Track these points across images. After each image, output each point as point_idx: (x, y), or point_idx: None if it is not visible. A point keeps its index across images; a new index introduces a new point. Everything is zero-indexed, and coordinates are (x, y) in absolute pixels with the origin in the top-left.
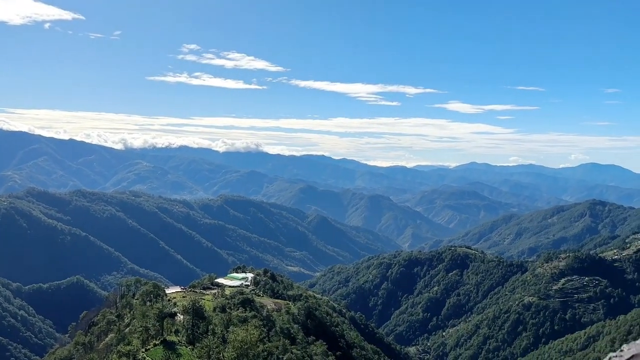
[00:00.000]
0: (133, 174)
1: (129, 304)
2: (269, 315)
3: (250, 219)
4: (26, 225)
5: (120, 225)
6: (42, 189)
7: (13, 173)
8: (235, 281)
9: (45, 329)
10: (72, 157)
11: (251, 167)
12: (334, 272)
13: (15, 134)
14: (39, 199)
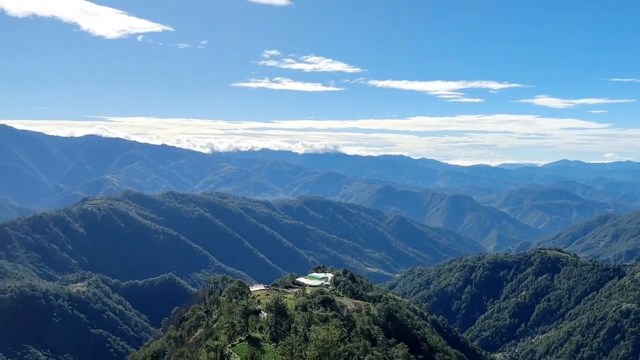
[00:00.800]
0: (219, 176)
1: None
2: (349, 316)
3: (329, 220)
4: (123, 225)
5: (208, 225)
6: (137, 191)
7: (112, 177)
8: (315, 281)
9: (140, 323)
10: (164, 161)
11: (329, 168)
12: (414, 274)
13: (113, 140)
14: (134, 200)
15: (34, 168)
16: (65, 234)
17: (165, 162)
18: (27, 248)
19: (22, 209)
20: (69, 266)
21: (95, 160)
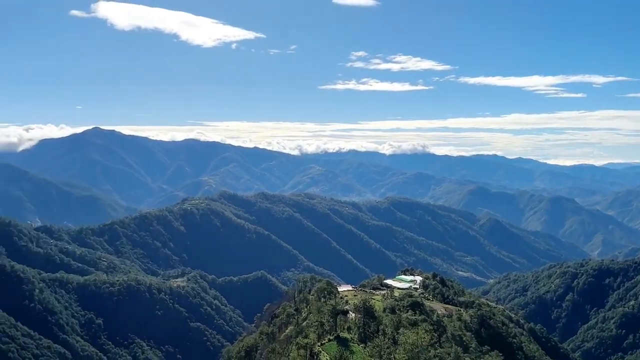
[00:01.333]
0: (308, 177)
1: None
2: (440, 321)
3: (417, 222)
4: (219, 224)
5: (297, 225)
6: (232, 192)
7: (209, 178)
8: (403, 283)
9: (235, 318)
10: (256, 163)
11: (418, 169)
12: (509, 280)
13: (210, 144)
14: (229, 200)
15: (140, 170)
16: (167, 232)
17: (257, 164)
18: (134, 245)
19: (130, 209)
20: (171, 262)
21: (194, 162)
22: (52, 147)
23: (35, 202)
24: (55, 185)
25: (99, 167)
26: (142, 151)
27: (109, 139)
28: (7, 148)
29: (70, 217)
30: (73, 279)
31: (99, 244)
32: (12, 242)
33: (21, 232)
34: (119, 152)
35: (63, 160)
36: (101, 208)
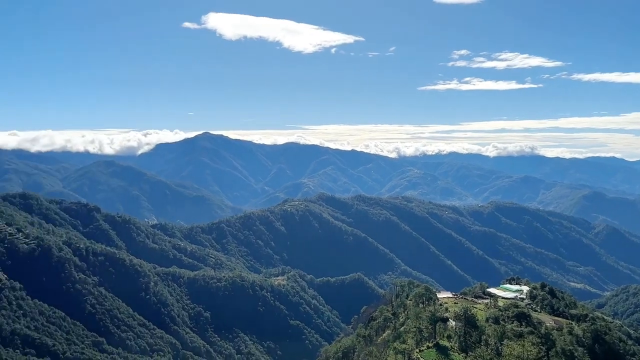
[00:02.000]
0: (405, 180)
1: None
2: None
3: (524, 228)
4: (317, 226)
5: (394, 229)
6: (329, 194)
7: (307, 180)
8: (508, 293)
9: (332, 318)
10: (353, 165)
11: (525, 172)
12: (628, 293)
13: (309, 147)
14: (327, 202)
15: (245, 172)
16: (269, 232)
17: (354, 166)
18: (238, 243)
19: (235, 209)
20: (272, 261)
21: (294, 165)
22: (167, 150)
23: (151, 201)
24: (169, 186)
25: (208, 169)
26: (246, 154)
27: (217, 143)
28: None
29: (183, 215)
30: (184, 273)
31: (208, 242)
32: (131, 237)
33: (139, 229)
34: (226, 155)
35: (176, 162)
36: (210, 207)
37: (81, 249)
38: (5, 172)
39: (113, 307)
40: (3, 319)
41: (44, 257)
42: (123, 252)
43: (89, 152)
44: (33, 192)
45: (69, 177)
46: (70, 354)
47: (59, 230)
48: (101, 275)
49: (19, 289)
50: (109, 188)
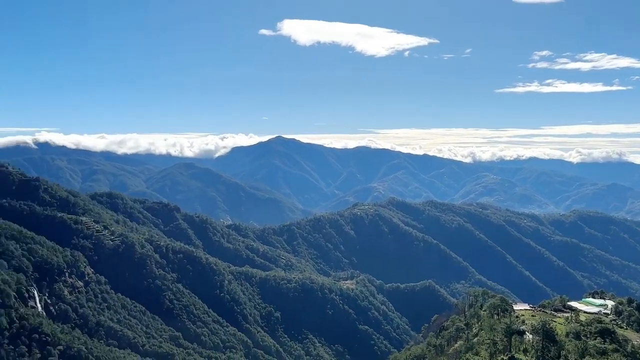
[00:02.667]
0: (480, 186)
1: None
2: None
3: (610, 239)
4: (387, 231)
5: (468, 236)
6: (400, 199)
7: (378, 185)
8: (591, 307)
9: (402, 326)
10: (425, 170)
11: (612, 179)
12: None
13: (380, 151)
14: (397, 207)
15: (316, 176)
16: (338, 235)
17: (426, 171)
18: (308, 245)
19: (305, 211)
20: (341, 264)
21: (364, 169)
22: (242, 153)
23: (227, 202)
24: (243, 188)
25: (281, 173)
26: (317, 158)
27: (289, 146)
28: (206, 154)
29: (256, 216)
30: (256, 273)
31: (279, 243)
32: (208, 237)
33: (215, 229)
34: (297, 159)
35: (251, 165)
36: (281, 210)
37: (162, 246)
38: (94, 173)
39: (190, 303)
40: (89, 311)
41: (127, 253)
42: (200, 251)
43: (171, 154)
44: (119, 192)
45: (152, 178)
46: (149, 347)
47: (141, 228)
48: (179, 272)
49: (104, 283)
50: (188, 189)
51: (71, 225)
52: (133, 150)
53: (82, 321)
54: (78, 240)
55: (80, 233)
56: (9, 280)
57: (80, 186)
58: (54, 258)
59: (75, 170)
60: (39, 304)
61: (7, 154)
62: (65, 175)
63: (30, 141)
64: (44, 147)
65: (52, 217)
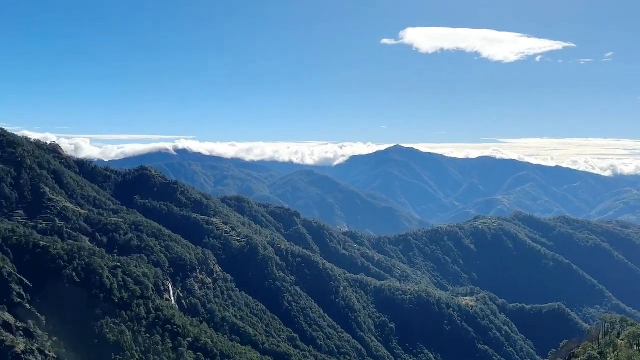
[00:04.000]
0: (621, 202)
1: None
2: None
3: None
4: (512, 247)
5: (605, 257)
6: (527, 213)
7: (502, 197)
8: None
9: (525, 349)
10: (557, 183)
11: None
12: None
13: (505, 161)
14: (524, 222)
15: (434, 186)
16: (457, 249)
17: (558, 184)
18: (425, 257)
19: (422, 222)
20: (460, 279)
21: (487, 180)
22: (360, 162)
23: (344, 209)
24: (360, 196)
25: (397, 182)
26: (436, 168)
27: (407, 156)
28: (325, 162)
29: (371, 225)
30: (371, 282)
31: (394, 253)
32: (325, 242)
33: (332, 235)
34: (415, 168)
35: (368, 174)
36: (397, 219)
37: (282, 249)
38: (224, 178)
39: (307, 306)
40: (216, 307)
41: (251, 254)
42: (317, 256)
43: (293, 162)
44: (245, 196)
45: (275, 184)
46: (268, 346)
47: (264, 231)
48: (297, 275)
49: (230, 281)
50: (307, 195)
51: (203, 226)
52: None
53: (209, 316)
54: (209, 240)
55: (211, 233)
56: (148, 273)
57: (212, 190)
58: (187, 255)
59: (208, 175)
60: (173, 297)
61: (151, 159)
62: (199, 180)
63: (171, 148)
64: (182, 153)
65: (187, 218)
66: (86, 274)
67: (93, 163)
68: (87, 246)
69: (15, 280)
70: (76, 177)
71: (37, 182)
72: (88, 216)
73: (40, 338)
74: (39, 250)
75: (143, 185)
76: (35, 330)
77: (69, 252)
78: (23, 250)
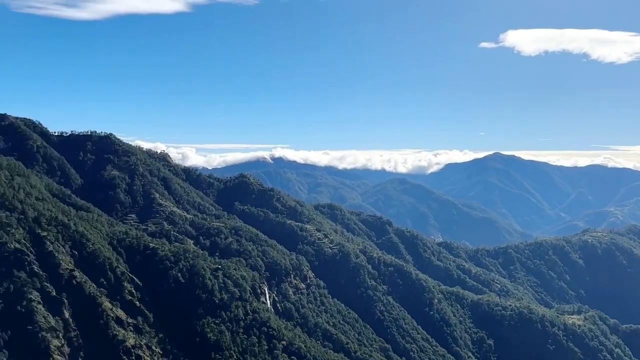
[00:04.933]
0: None
1: None
2: None
3: None
4: (625, 263)
5: None
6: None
7: (615, 209)
8: None
9: None
10: None
11: None
12: None
13: (619, 170)
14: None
15: (538, 196)
16: (563, 263)
17: None
18: (527, 271)
19: (524, 234)
20: (566, 296)
21: (598, 191)
22: (456, 170)
23: (438, 219)
24: (456, 206)
25: (497, 191)
26: (540, 176)
27: (508, 163)
28: (419, 170)
29: (468, 236)
30: (468, 295)
31: (493, 266)
32: (418, 253)
33: (425, 245)
34: (517, 177)
35: (464, 183)
36: (496, 231)
37: (374, 258)
38: (318, 185)
39: (399, 316)
40: (309, 312)
41: (343, 261)
42: (410, 266)
43: (385, 170)
44: (338, 204)
45: (367, 192)
46: (360, 354)
47: (356, 239)
48: (390, 284)
49: (323, 287)
50: (400, 204)
51: (297, 232)
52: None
53: (302, 320)
54: (302, 246)
55: (304, 239)
56: (246, 276)
57: (306, 197)
58: (282, 260)
59: (302, 182)
60: (269, 300)
61: (250, 167)
62: (294, 187)
63: (267, 156)
64: (278, 161)
65: (282, 224)
66: (190, 275)
67: (198, 171)
68: (192, 249)
69: (127, 278)
70: (183, 184)
71: (148, 188)
72: (193, 220)
73: (148, 334)
74: (148, 252)
75: (242, 192)
76: (143, 326)
77: (175, 253)
78: (134, 251)
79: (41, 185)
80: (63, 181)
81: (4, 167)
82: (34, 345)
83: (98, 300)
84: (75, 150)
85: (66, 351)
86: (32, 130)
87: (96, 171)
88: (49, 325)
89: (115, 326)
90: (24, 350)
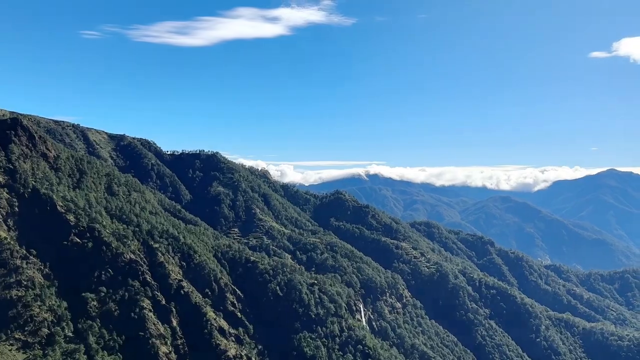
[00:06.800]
0: None
1: None
2: None
3: None
4: None
5: None
6: None
7: None
8: None
9: None
10: None
11: None
12: None
13: None
14: None
15: None
16: None
17: None
18: None
19: None
20: None
21: None
22: (565, 188)
23: (545, 240)
24: (565, 226)
25: (612, 211)
26: None
27: (624, 181)
28: (523, 188)
29: (579, 259)
30: (579, 323)
31: (608, 292)
32: (523, 275)
33: (532, 268)
34: (635, 195)
35: (575, 201)
36: (612, 254)
37: (474, 279)
38: (413, 202)
39: (502, 342)
40: (405, 332)
41: (441, 281)
42: (514, 289)
43: (486, 187)
44: (435, 222)
45: (467, 210)
46: None
47: (455, 259)
48: (492, 308)
49: (420, 308)
50: (503, 223)
51: (393, 250)
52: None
53: (398, 341)
54: (398, 264)
55: (400, 257)
56: (342, 292)
57: (402, 214)
58: (377, 278)
59: (398, 199)
60: (364, 318)
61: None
62: (389, 204)
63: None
64: (373, 178)
65: (377, 241)
66: (288, 289)
67: (295, 187)
68: (289, 263)
69: (230, 290)
70: (281, 200)
71: (249, 204)
72: (290, 235)
73: (248, 345)
74: (249, 265)
75: (337, 209)
76: (244, 337)
77: (274, 267)
78: (237, 263)
79: (154, 200)
80: (174, 196)
81: (122, 183)
82: (144, 351)
83: (203, 310)
84: (185, 167)
85: (173, 358)
86: (147, 149)
87: (203, 187)
88: (159, 332)
89: (218, 336)
90: (136, 355)
